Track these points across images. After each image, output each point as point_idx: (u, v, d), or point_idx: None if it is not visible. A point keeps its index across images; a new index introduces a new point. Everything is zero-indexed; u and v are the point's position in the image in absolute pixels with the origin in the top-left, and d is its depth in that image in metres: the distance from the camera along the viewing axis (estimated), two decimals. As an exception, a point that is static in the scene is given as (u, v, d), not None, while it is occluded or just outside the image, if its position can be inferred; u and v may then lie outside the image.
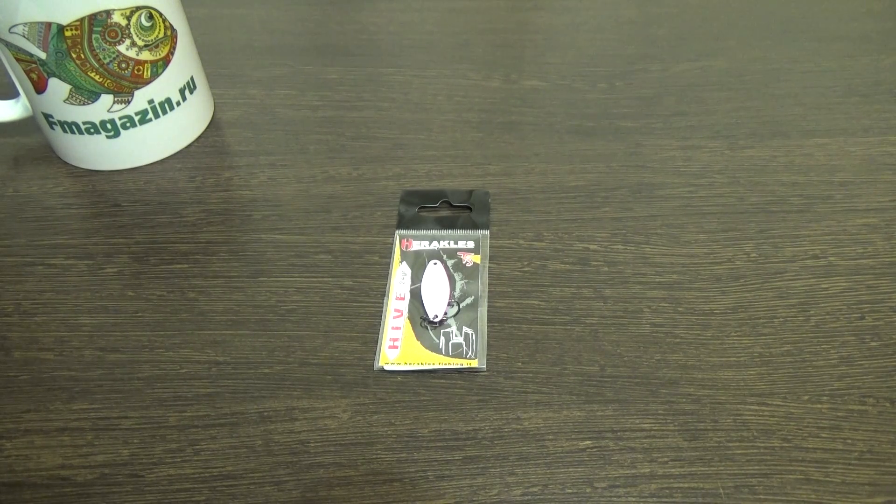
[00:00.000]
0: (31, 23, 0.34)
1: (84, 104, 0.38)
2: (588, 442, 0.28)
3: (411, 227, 0.37)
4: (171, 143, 0.42)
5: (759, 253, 0.35)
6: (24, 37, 0.35)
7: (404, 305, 0.33)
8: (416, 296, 0.33)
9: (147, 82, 0.39)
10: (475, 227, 0.37)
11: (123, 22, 0.36)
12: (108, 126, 0.39)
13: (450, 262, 0.35)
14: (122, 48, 0.37)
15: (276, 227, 0.37)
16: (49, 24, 0.34)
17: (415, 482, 0.27)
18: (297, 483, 0.27)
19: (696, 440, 0.28)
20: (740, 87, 0.46)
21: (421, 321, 0.32)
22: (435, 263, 0.35)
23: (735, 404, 0.29)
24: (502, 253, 0.36)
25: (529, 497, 0.27)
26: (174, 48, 0.39)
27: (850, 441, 0.28)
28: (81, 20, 0.35)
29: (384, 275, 0.35)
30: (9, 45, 0.35)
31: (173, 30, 0.39)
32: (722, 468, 0.27)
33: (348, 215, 0.38)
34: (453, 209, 0.38)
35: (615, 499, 0.26)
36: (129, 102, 0.39)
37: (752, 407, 0.29)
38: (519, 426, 0.29)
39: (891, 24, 0.52)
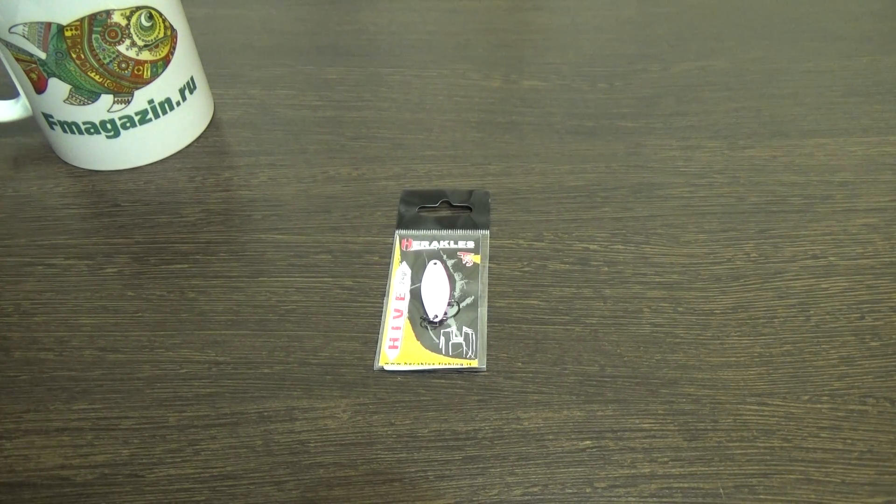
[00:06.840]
0: (31, 23, 0.34)
1: (84, 104, 0.38)
2: (588, 442, 0.28)
3: (411, 227, 0.37)
4: (171, 143, 0.42)
5: (759, 253, 0.35)
6: (24, 37, 0.35)
7: (404, 305, 0.33)
8: (416, 296, 0.33)
9: (147, 82, 0.39)
10: (475, 227, 0.37)
11: (123, 22, 0.36)
12: (108, 126, 0.39)
13: (450, 262, 0.35)
14: (122, 48, 0.37)
15: (276, 227, 0.37)
16: (49, 24, 0.34)
17: (415, 482, 0.27)
18: (297, 483, 0.27)
19: (696, 440, 0.28)
20: (740, 87, 0.46)
21: (421, 321, 0.32)
22: (435, 263, 0.35)
23: (735, 404, 0.29)
24: (502, 253, 0.36)
25: (529, 497, 0.27)
26: (174, 48, 0.39)
27: (850, 441, 0.28)
28: (81, 20, 0.35)
29: (384, 275, 0.35)
30: (9, 45, 0.35)
31: (173, 30, 0.39)
32: (722, 468, 0.27)
33: (348, 215, 0.38)
34: (453, 209, 0.38)
35: (615, 499, 0.26)
36: (129, 102, 0.39)
37: (752, 407, 0.29)
38: (519, 426, 0.29)
39: (891, 24, 0.52)
